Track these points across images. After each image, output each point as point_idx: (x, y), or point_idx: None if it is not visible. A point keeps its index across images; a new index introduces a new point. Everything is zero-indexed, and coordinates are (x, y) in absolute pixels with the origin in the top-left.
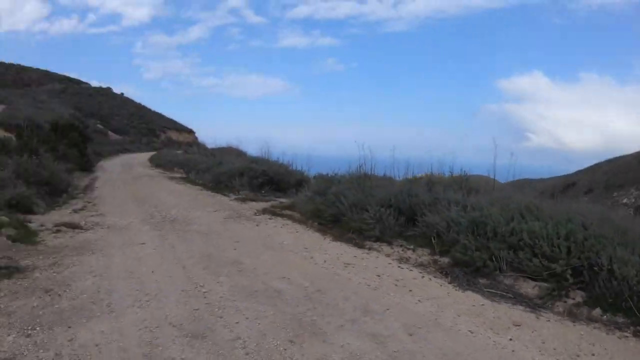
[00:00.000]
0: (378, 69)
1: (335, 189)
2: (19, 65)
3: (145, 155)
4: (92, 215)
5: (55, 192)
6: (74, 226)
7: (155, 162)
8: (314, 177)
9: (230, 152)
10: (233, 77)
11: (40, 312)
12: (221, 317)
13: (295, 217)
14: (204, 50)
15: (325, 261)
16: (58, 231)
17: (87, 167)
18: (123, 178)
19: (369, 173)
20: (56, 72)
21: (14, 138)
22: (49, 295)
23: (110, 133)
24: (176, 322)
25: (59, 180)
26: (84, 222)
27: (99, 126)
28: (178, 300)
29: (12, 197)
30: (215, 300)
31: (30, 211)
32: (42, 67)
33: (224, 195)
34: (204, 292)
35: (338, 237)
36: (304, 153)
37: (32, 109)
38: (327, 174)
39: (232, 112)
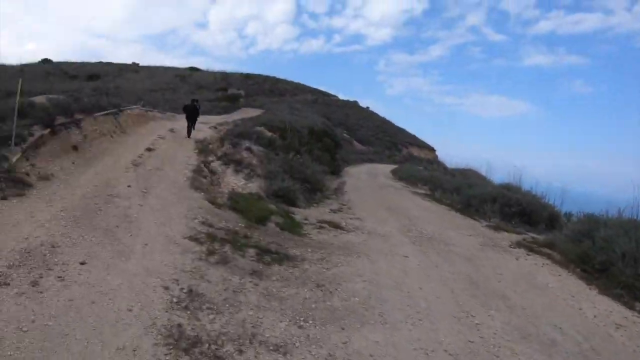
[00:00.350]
0: (631, 94)
1: (603, 232)
2: (274, 77)
3: (387, 167)
4: (350, 218)
5: (312, 190)
6: (335, 225)
7: (398, 175)
8: (565, 214)
9: (471, 175)
10: (475, 96)
11: (313, 306)
12: (497, 357)
13: (555, 258)
14: (445, 69)
15: (595, 316)
16: (321, 227)
17: (336, 171)
18: (369, 186)
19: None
20: (307, 84)
21: (278, 138)
22: (321, 290)
23: (355, 142)
24: (452, 351)
25: (315, 180)
26: (344, 223)
27: (345, 135)
28: (451, 327)
29: (279, 188)
30: (489, 335)
31: (294, 204)
32: (295, 80)
33: (474, 219)
34: (476, 323)
35: (604, 290)
36: (545, 182)
37: (289, 115)
38: (593, 214)
39: (473, 132)
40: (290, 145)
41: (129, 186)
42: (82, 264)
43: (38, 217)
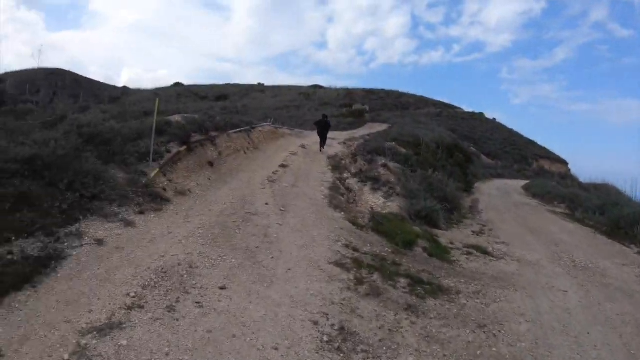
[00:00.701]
0: None
1: None
2: (397, 91)
3: (518, 183)
4: (496, 242)
5: (449, 210)
6: (483, 251)
7: (531, 192)
8: None
9: (608, 191)
10: (606, 101)
11: (478, 352)
12: None
13: None
14: (571, 73)
15: None
16: (469, 253)
17: (468, 187)
18: (504, 204)
19: None
20: (430, 97)
21: (413, 154)
22: (484, 333)
23: (482, 156)
24: None
25: (453, 198)
26: (491, 249)
27: (472, 149)
28: None
29: (422, 209)
30: None
31: (436, 225)
32: (417, 93)
33: (623, 244)
34: None
35: None
36: None
37: (416, 129)
38: None
39: (607, 141)
40: (425, 162)
41: (266, 204)
42: (221, 288)
43: (175, 234)
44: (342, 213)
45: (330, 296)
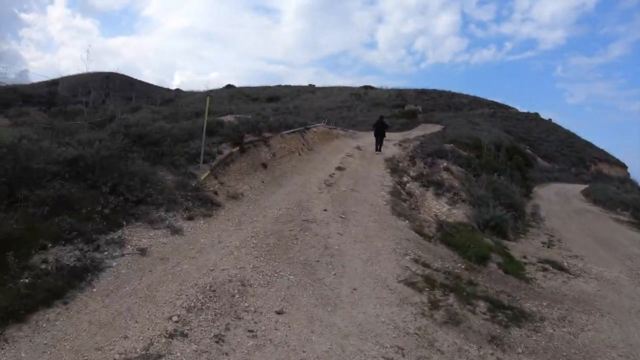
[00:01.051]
0: None
1: None
2: (449, 92)
3: (576, 187)
4: (569, 256)
5: (515, 217)
6: (559, 267)
7: (592, 197)
8: None
9: None
10: None
11: None
12: None
13: None
14: (629, 70)
15: None
16: (545, 270)
17: (527, 192)
18: (565, 210)
19: None
20: (483, 97)
21: (474, 157)
22: None
23: (538, 159)
24: None
25: (518, 205)
26: (566, 264)
27: (528, 151)
28: None
29: (491, 218)
30: None
31: (505, 236)
32: (470, 93)
33: None
34: None
35: None
36: None
37: (473, 131)
38: None
39: None
40: (488, 165)
41: (324, 210)
42: (278, 313)
43: (226, 243)
44: (407, 221)
45: (403, 324)
